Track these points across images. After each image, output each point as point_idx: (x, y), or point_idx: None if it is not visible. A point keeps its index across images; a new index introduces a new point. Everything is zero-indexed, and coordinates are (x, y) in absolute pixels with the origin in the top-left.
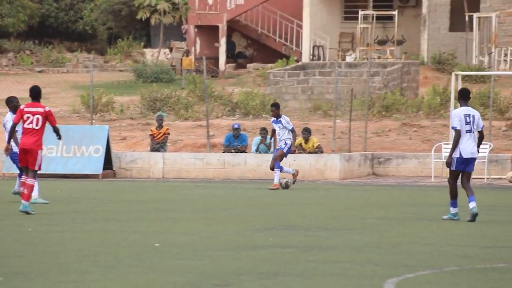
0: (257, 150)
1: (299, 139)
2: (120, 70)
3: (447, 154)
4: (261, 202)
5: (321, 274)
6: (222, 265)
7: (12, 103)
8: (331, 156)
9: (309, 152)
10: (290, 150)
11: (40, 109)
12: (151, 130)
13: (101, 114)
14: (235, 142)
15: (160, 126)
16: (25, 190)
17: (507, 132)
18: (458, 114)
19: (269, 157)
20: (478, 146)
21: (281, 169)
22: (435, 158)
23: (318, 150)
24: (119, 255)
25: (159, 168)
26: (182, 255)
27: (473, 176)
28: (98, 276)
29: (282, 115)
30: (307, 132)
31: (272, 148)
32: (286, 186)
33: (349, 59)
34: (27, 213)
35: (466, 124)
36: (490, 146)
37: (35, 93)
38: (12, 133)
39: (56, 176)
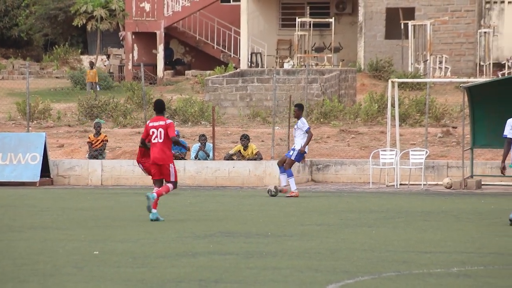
0: (196, 157)
1: (238, 146)
2: (57, 77)
3: (385, 161)
4: (201, 209)
5: (261, 281)
6: (161, 273)
7: None
8: (270, 163)
9: (248, 159)
10: (300, 157)
11: (162, 122)
12: (89, 137)
13: (37, 122)
14: (175, 149)
15: (98, 133)
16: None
17: (442, 139)
18: (509, 121)
19: (208, 164)
20: None
21: (290, 175)
22: (373, 165)
23: (257, 157)
24: (57, 263)
25: (97, 175)
26: (121, 263)
27: (410, 182)
28: (36, 285)
29: (302, 117)
30: (245, 139)
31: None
32: (274, 193)
33: (287, 66)
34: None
35: None
36: (426, 152)
37: (158, 107)
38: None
39: None
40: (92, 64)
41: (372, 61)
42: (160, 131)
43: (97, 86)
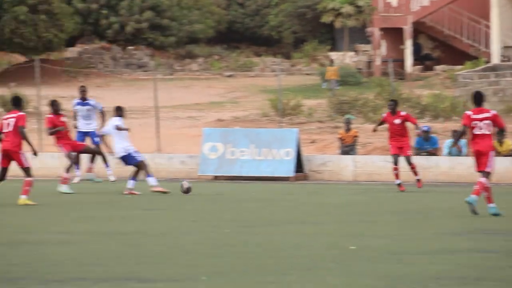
0: (449, 153)
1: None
2: (307, 74)
3: None
4: (456, 206)
5: None
6: (420, 269)
7: None
8: None
9: (504, 155)
10: None
11: (487, 114)
12: (340, 133)
13: (289, 118)
14: (426, 145)
15: (348, 129)
16: (477, 186)
17: None
18: None
19: (461, 160)
20: None
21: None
22: None
23: None
24: (315, 257)
25: (349, 171)
26: (378, 259)
27: None
28: (296, 278)
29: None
30: (501, 134)
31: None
32: (186, 191)
33: None
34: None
35: None
36: None
37: (479, 99)
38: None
39: (249, 179)
40: (332, 61)
41: None
42: (486, 123)
43: (336, 84)
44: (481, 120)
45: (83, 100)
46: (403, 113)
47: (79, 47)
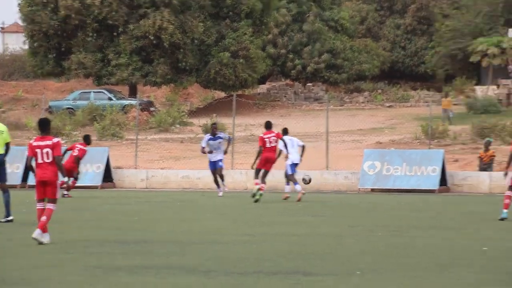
0: None
1: None
2: (455, 104)
3: None
4: None
5: None
6: None
7: None
8: None
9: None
10: None
11: None
12: (480, 153)
13: (437, 140)
14: None
15: (487, 149)
16: None
17: None
18: None
19: None
20: None
21: None
22: None
23: None
24: (453, 256)
25: (486, 185)
26: (507, 258)
27: None
28: (435, 273)
29: None
30: None
31: None
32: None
33: None
34: None
35: None
36: None
37: None
38: None
39: (400, 191)
40: (446, 94)
41: None
42: None
43: (450, 113)
44: None
45: (213, 135)
46: None
47: (268, 84)
